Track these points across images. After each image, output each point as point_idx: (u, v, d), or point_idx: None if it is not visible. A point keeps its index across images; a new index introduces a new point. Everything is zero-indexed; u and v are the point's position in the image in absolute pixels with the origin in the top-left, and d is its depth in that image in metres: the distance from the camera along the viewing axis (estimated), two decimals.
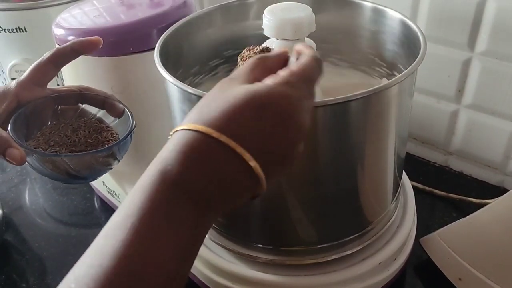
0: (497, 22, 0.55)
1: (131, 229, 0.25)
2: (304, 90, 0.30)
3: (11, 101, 0.44)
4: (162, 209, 0.26)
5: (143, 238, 0.25)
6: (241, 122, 0.28)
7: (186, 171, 0.27)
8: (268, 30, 0.45)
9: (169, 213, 0.26)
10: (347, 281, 0.47)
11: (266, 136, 0.28)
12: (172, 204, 0.26)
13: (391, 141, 0.44)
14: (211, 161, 0.27)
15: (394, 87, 0.39)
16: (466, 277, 0.50)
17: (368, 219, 0.47)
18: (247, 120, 0.28)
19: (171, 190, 0.26)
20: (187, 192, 0.26)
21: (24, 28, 0.71)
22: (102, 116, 0.49)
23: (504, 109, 0.60)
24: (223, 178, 0.27)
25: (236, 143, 0.27)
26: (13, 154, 0.40)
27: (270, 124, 0.28)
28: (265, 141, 0.28)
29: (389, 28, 0.49)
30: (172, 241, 0.25)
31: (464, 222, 0.52)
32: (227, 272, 0.48)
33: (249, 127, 0.28)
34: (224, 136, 0.27)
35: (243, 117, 0.28)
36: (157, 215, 0.26)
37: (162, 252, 0.25)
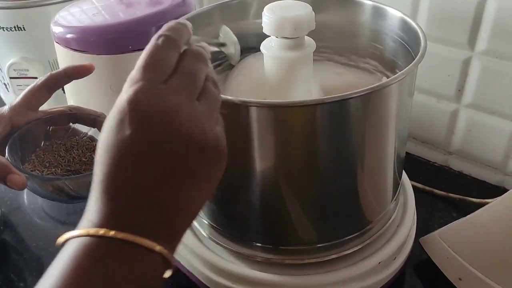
0: (497, 21, 0.55)
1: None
2: (165, 97, 0.27)
3: (5, 126, 0.44)
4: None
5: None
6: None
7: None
8: (268, 28, 0.45)
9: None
10: (347, 281, 0.46)
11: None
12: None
13: (391, 140, 0.44)
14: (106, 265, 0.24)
15: (394, 85, 0.39)
16: (466, 277, 0.50)
17: (368, 219, 0.47)
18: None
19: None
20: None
21: (22, 26, 0.71)
22: (93, 134, 0.50)
23: (504, 109, 0.60)
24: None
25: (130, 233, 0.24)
26: (14, 180, 0.41)
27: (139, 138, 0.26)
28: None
29: (389, 26, 0.49)
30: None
31: (464, 221, 0.51)
32: (226, 271, 0.47)
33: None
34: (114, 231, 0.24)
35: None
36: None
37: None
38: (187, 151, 0.26)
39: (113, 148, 0.26)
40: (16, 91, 0.78)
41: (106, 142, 0.26)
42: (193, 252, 0.50)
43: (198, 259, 0.50)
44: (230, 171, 0.42)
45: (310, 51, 0.46)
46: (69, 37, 0.52)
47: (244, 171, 0.42)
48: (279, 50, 0.46)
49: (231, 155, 0.41)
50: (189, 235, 0.51)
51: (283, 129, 0.39)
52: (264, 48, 0.47)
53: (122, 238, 0.24)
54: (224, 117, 0.36)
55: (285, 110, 0.38)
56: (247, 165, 0.42)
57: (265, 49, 0.47)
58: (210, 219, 0.48)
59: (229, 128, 0.39)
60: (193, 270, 0.51)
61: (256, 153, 0.41)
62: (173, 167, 0.26)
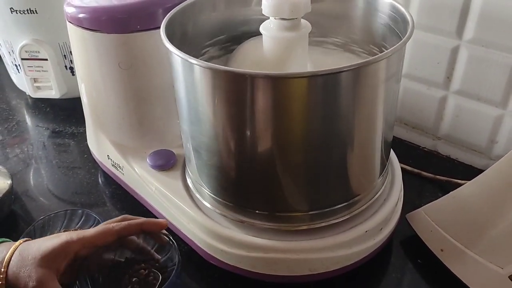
0: (483, 11, 0.58)
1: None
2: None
3: (70, 258, 0.45)
4: None
5: None
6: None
7: None
8: (267, 9, 0.48)
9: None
10: (335, 247, 0.50)
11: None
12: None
13: (379, 117, 0.47)
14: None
15: (382, 61, 0.42)
16: (447, 248, 0.53)
17: (356, 191, 0.50)
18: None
19: None
20: None
21: (35, 9, 0.75)
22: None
23: (490, 95, 0.63)
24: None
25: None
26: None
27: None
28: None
29: (380, 12, 0.53)
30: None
31: (447, 197, 0.55)
32: (223, 236, 0.51)
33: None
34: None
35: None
36: None
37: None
38: None
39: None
40: (27, 72, 0.82)
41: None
42: (193, 219, 0.53)
43: (197, 226, 0.53)
44: (228, 141, 0.46)
45: (306, 32, 0.50)
46: (81, 17, 0.55)
47: (241, 141, 0.46)
48: (277, 30, 0.49)
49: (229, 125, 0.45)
50: (190, 204, 0.54)
51: (279, 99, 0.42)
52: (264, 29, 0.50)
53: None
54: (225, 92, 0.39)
55: (280, 81, 0.41)
56: (244, 135, 0.45)
57: (264, 30, 0.50)
58: (209, 188, 0.52)
59: (228, 99, 0.43)
60: (192, 236, 0.55)
61: (253, 123, 0.44)
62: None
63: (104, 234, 0.47)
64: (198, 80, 0.44)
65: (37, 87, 0.85)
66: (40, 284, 0.43)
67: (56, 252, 0.45)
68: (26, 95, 0.90)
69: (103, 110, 0.63)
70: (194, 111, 0.47)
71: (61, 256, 0.45)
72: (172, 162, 0.60)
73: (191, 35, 0.54)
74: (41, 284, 0.43)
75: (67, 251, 0.45)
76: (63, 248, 0.45)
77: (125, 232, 0.48)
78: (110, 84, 0.59)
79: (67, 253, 0.45)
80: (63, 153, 0.77)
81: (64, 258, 0.45)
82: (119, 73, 0.57)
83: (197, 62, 0.42)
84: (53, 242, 0.45)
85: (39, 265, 0.43)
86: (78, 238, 0.46)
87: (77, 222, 0.58)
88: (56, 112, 0.87)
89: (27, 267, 0.43)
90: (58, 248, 0.45)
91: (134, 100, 0.60)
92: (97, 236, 0.47)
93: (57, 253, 0.45)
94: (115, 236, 0.47)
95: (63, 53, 0.80)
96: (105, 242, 0.47)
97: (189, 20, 0.54)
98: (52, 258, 0.44)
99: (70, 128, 0.82)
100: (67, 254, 0.45)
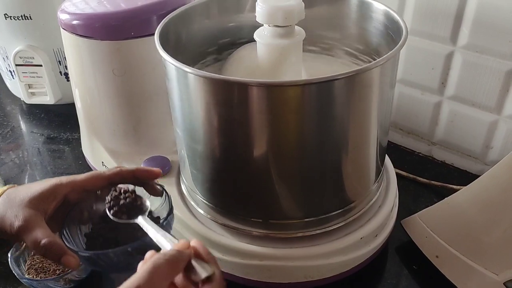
0: (477, 17, 0.58)
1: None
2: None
3: (59, 200, 0.45)
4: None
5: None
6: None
7: None
8: (260, 16, 0.48)
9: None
10: (331, 254, 0.50)
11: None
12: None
13: (373, 124, 0.47)
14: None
15: (376, 68, 0.42)
16: (442, 254, 0.53)
17: (351, 197, 0.50)
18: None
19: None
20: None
21: (29, 15, 0.74)
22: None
23: (484, 101, 0.63)
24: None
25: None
26: (69, 261, 0.41)
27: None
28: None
29: (374, 19, 0.53)
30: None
31: (442, 203, 0.55)
32: (218, 243, 0.51)
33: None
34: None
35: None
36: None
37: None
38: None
39: None
40: (21, 78, 0.81)
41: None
42: (187, 226, 0.53)
43: (191, 232, 0.53)
44: (222, 148, 0.46)
45: (300, 39, 0.50)
46: (75, 24, 0.55)
47: (235, 148, 0.46)
48: (271, 37, 0.49)
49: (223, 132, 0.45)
50: (184, 210, 0.54)
51: (273, 107, 0.42)
52: (257, 36, 0.50)
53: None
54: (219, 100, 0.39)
55: (275, 89, 0.41)
56: (238, 142, 0.45)
57: (258, 37, 0.50)
58: (203, 195, 0.52)
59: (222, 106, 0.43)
60: None
61: (247, 131, 0.44)
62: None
63: (94, 178, 0.46)
64: (192, 87, 0.43)
65: (31, 93, 0.84)
66: (26, 224, 0.41)
67: (44, 194, 0.44)
68: (21, 101, 0.90)
69: (97, 116, 0.63)
70: (188, 118, 0.47)
71: (49, 198, 0.44)
72: (166, 168, 0.59)
73: (185, 42, 0.54)
74: (27, 224, 0.41)
75: (56, 193, 0.44)
76: (52, 190, 0.44)
77: (117, 178, 0.46)
78: (104, 91, 0.59)
79: (56, 195, 0.44)
80: (57, 159, 0.77)
81: (52, 200, 0.44)
82: (113, 80, 0.57)
83: (190, 70, 0.42)
84: (42, 185, 0.44)
85: (26, 205, 0.42)
86: (68, 181, 0.45)
87: None
88: (51, 118, 0.87)
89: (14, 208, 0.42)
90: (46, 190, 0.44)
91: (128, 106, 0.60)
92: (87, 180, 0.46)
93: (46, 195, 0.44)
94: (106, 181, 0.46)
95: (58, 59, 0.80)
96: (96, 187, 0.46)
97: (183, 26, 0.54)
98: (40, 199, 0.43)
99: (65, 134, 0.82)
100: (56, 196, 0.44)
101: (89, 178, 0.46)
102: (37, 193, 0.43)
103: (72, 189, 0.45)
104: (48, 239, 0.41)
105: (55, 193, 0.44)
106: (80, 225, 0.47)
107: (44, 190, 0.44)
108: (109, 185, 0.46)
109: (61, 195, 0.44)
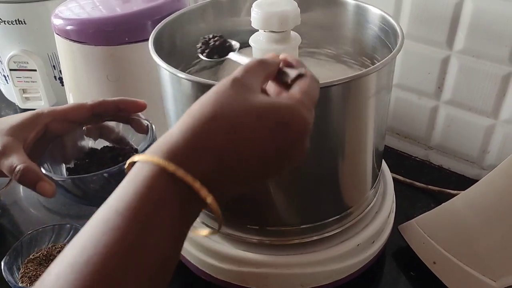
0: (473, 22, 0.58)
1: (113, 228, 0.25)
2: (312, 113, 0.31)
3: (40, 130, 0.44)
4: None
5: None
6: (241, 138, 0.28)
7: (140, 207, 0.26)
8: (256, 22, 0.48)
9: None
10: (327, 261, 0.49)
11: (264, 156, 0.28)
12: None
13: (370, 130, 0.47)
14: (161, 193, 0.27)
15: (372, 74, 0.42)
16: (440, 261, 0.53)
17: (348, 203, 0.50)
18: (252, 137, 0.28)
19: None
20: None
21: (23, 20, 0.74)
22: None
23: (481, 105, 0.63)
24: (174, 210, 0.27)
25: (194, 177, 0.27)
26: (44, 188, 0.40)
27: (279, 145, 0.29)
28: (257, 164, 0.28)
29: (370, 24, 0.52)
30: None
31: (440, 209, 0.54)
32: (213, 251, 0.50)
33: (246, 146, 0.28)
34: (182, 170, 0.27)
35: (253, 132, 0.28)
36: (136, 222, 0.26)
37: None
38: (284, 140, 0.29)
39: (221, 98, 0.29)
40: (16, 83, 0.81)
41: (218, 93, 0.29)
42: None
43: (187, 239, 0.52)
44: None
45: (296, 45, 0.50)
46: (69, 29, 0.55)
47: None
48: (266, 43, 0.49)
49: None
50: None
51: None
52: (253, 42, 0.50)
53: (180, 176, 0.27)
54: None
55: None
56: None
57: (253, 43, 0.50)
58: None
59: None
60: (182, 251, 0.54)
61: None
62: (259, 144, 0.29)
63: (76, 108, 0.45)
64: (186, 93, 0.43)
65: (26, 97, 0.84)
66: (3, 150, 0.41)
67: (24, 123, 0.43)
68: (15, 106, 0.89)
69: None
70: None
71: (29, 126, 0.43)
72: None
73: (181, 47, 0.54)
74: (4, 150, 0.41)
75: (36, 122, 0.43)
76: (32, 119, 0.43)
77: (100, 109, 0.45)
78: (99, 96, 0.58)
79: (36, 123, 0.43)
80: None
81: (32, 129, 0.43)
82: (107, 85, 0.57)
83: (184, 76, 0.41)
84: (23, 115, 0.44)
85: (5, 133, 0.42)
86: (50, 111, 0.44)
87: (65, 236, 0.57)
88: None
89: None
90: (26, 119, 0.43)
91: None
92: (69, 109, 0.45)
93: (26, 123, 0.43)
94: (89, 111, 0.45)
95: (52, 64, 0.80)
96: (78, 117, 0.45)
97: (178, 31, 0.53)
98: (19, 127, 0.43)
99: None
100: (36, 125, 0.43)
101: (70, 107, 0.45)
102: (17, 122, 0.43)
103: (53, 118, 0.44)
104: (23, 165, 0.40)
105: (35, 122, 0.44)
106: (62, 158, 0.46)
107: (25, 118, 0.43)
108: (92, 116, 0.45)
109: (41, 124, 0.44)
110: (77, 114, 0.45)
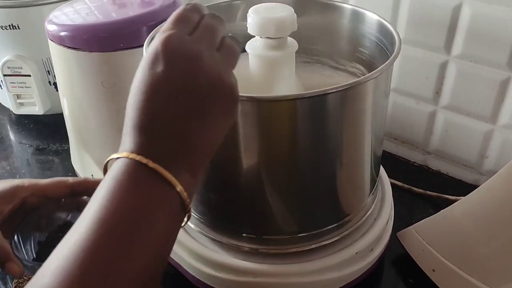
0: (471, 26, 0.58)
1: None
2: (173, 31, 0.31)
3: (17, 203, 0.43)
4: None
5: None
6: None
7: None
8: (252, 28, 0.47)
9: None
10: (325, 270, 0.49)
11: (171, 90, 0.29)
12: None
13: (367, 137, 0.46)
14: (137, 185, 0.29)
15: (370, 82, 0.41)
16: (439, 268, 0.52)
17: (346, 211, 0.49)
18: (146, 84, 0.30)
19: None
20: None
21: (17, 25, 0.73)
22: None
23: (479, 110, 0.62)
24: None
25: (159, 165, 0.29)
26: (12, 269, 0.40)
27: (172, 72, 0.30)
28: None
29: (367, 30, 0.52)
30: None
31: (439, 216, 0.54)
32: (210, 260, 0.49)
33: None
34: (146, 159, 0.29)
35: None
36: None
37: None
38: (206, 91, 0.30)
39: (146, 83, 0.30)
40: (10, 88, 0.80)
41: (141, 78, 0.31)
42: (179, 242, 0.52)
43: (183, 249, 0.52)
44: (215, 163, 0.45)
45: (292, 51, 0.49)
46: (63, 35, 0.54)
47: (228, 164, 0.45)
48: (263, 49, 0.48)
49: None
50: None
51: (265, 122, 0.41)
52: (249, 48, 0.49)
53: (152, 167, 0.29)
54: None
55: (267, 104, 0.40)
56: (229, 157, 0.44)
57: (250, 49, 0.49)
58: (195, 210, 0.50)
59: None
60: (178, 259, 0.53)
61: (240, 146, 0.43)
62: (194, 104, 0.30)
63: (56, 185, 0.45)
64: None
65: (20, 103, 0.83)
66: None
67: (3, 195, 0.43)
68: (10, 111, 0.88)
69: (87, 128, 0.62)
70: None
71: (7, 198, 0.43)
72: None
73: None
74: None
75: (14, 195, 0.43)
76: (11, 191, 0.43)
77: (80, 188, 0.45)
78: (94, 103, 0.58)
79: (14, 196, 0.43)
80: (47, 171, 0.75)
81: (10, 202, 0.43)
82: (102, 92, 0.56)
83: None
84: (2, 185, 0.43)
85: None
86: (30, 185, 0.44)
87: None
88: (40, 128, 0.85)
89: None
90: (6, 190, 0.43)
91: (118, 118, 0.59)
92: (49, 185, 0.45)
93: (4, 195, 0.43)
94: (69, 189, 0.45)
95: (47, 69, 0.79)
96: (57, 194, 0.45)
97: None
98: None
99: (54, 145, 0.81)
100: (14, 198, 0.43)
101: (51, 183, 0.45)
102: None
103: (32, 193, 0.44)
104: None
105: (13, 195, 0.43)
106: (36, 232, 0.45)
107: (3, 190, 0.43)
108: (71, 194, 0.45)
109: (19, 198, 0.43)
110: (57, 191, 0.45)
